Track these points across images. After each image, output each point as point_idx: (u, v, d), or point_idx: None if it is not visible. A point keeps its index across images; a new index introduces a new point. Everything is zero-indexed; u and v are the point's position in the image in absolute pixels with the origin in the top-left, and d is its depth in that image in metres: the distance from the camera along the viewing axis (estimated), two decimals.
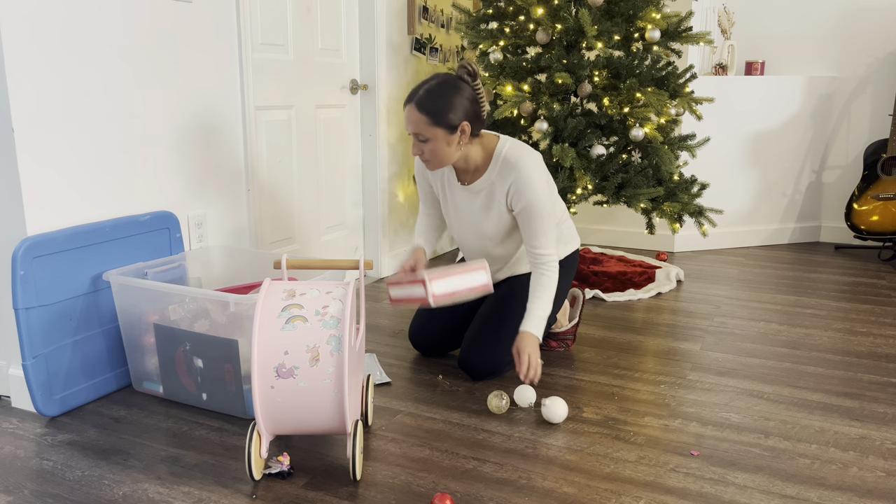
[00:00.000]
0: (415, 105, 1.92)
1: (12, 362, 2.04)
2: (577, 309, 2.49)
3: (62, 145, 1.98)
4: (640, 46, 3.09)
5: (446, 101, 1.91)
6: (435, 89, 1.92)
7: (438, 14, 3.73)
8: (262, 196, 2.78)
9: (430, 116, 1.91)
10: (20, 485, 1.63)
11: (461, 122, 1.94)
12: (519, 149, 2.06)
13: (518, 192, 2.02)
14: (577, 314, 2.48)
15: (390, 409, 2.03)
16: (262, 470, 1.65)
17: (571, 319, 2.46)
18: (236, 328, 1.87)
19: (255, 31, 2.65)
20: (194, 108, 2.38)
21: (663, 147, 2.94)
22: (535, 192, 2.01)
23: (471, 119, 1.96)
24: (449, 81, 1.94)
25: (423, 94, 1.92)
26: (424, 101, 1.91)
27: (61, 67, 1.95)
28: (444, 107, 1.91)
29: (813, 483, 1.64)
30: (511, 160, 2.03)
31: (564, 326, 2.44)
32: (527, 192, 2.01)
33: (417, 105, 1.91)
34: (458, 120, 1.93)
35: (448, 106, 1.91)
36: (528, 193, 2.01)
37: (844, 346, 2.54)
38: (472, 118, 1.96)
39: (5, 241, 1.95)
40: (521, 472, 1.69)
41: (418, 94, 1.92)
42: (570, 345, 2.48)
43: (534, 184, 2.01)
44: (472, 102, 1.95)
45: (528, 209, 2.03)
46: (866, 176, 3.88)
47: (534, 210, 2.02)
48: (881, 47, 4.04)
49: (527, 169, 2.01)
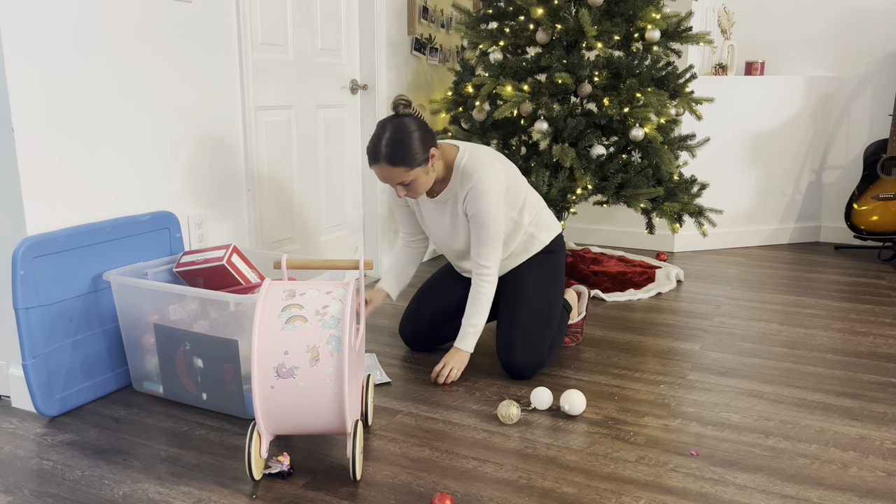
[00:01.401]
0: (385, 163, 1.97)
1: (12, 362, 2.04)
2: (584, 303, 2.55)
3: (62, 145, 1.98)
4: (640, 46, 3.09)
5: (409, 143, 1.97)
6: (394, 139, 1.96)
7: (438, 14, 3.73)
8: (262, 196, 2.78)
9: (405, 165, 1.97)
10: (20, 485, 1.63)
11: (429, 150, 2.01)
12: (476, 158, 2.12)
13: (472, 199, 2.10)
14: (584, 308, 2.53)
15: (390, 409, 2.03)
16: (262, 470, 1.65)
17: (579, 314, 2.50)
18: (236, 328, 1.87)
19: (255, 31, 2.65)
20: (194, 108, 2.38)
21: (663, 147, 2.94)
22: (486, 202, 2.09)
23: (431, 142, 2.03)
24: (399, 126, 1.98)
25: (387, 150, 1.96)
26: (392, 155, 1.96)
27: (61, 67, 1.95)
28: (410, 150, 1.97)
29: (813, 483, 1.64)
30: (469, 170, 2.10)
31: (573, 320, 2.46)
32: (478, 201, 2.09)
33: (388, 161, 1.97)
34: (426, 152, 2.01)
35: (413, 147, 1.97)
36: (479, 201, 2.09)
37: (844, 346, 2.54)
38: (431, 140, 2.03)
39: (5, 241, 1.95)
40: (521, 472, 1.69)
41: (382, 152, 1.97)
42: (579, 338, 2.52)
43: (487, 193, 2.08)
44: (423, 129, 2.01)
45: (477, 216, 2.11)
46: (866, 176, 3.88)
47: (482, 218, 2.10)
48: (881, 47, 4.04)
49: (483, 178, 2.08)
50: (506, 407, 1.93)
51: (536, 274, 2.30)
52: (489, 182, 2.09)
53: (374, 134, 2.01)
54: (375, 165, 2.00)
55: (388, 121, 2.01)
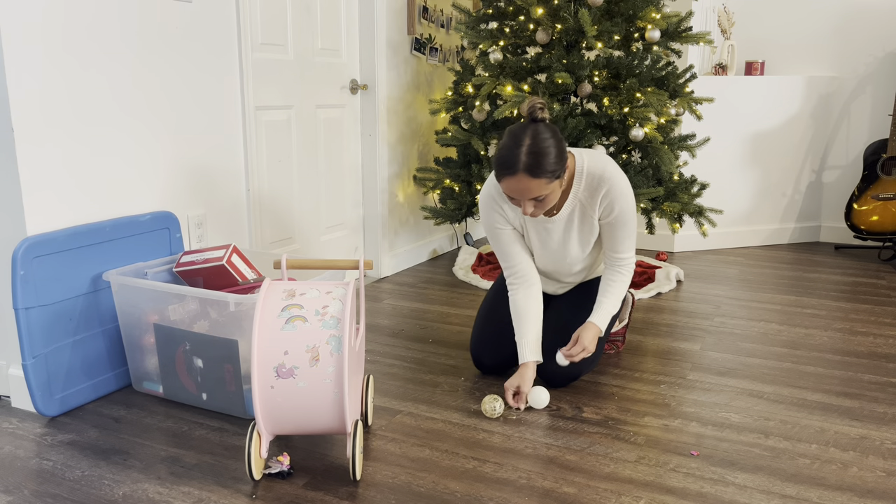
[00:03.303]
0: (525, 174, 1.77)
1: (12, 362, 2.04)
2: (627, 310, 2.51)
3: (62, 145, 1.98)
4: (640, 46, 3.09)
5: (550, 153, 1.79)
6: (535, 147, 1.78)
7: (438, 14, 3.73)
8: (262, 196, 2.78)
9: (546, 177, 1.79)
10: (20, 485, 1.63)
11: (565, 162, 1.85)
12: (597, 159, 1.98)
13: (613, 201, 1.98)
14: (627, 316, 2.50)
15: (390, 409, 2.03)
16: (262, 470, 1.65)
17: (622, 321, 2.48)
18: (236, 328, 1.87)
19: (255, 31, 2.65)
20: (194, 108, 2.38)
21: (663, 147, 2.94)
22: (628, 200, 1.99)
23: (566, 152, 1.86)
24: (538, 133, 1.80)
25: (528, 160, 1.76)
26: (536, 166, 1.77)
27: (61, 67, 1.95)
28: (551, 159, 1.79)
29: (813, 483, 1.64)
30: (596, 173, 1.96)
31: (616, 327, 2.45)
32: (621, 201, 1.98)
33: (529, 172, 1.77)
34: (564, 161, 1.83)
35: (554, 156, 1.79)
36: (622, 202, 1.98)
37: (844, 346, 2.54)
38: (566, 150, 1.87)
39: (5, 241, 1.95)
40: (521, 472, 1.69)
41: (523, 162, 1.77)
42: (619, 346, 2.48)
43: (627, 191, 1.99)
44: (559, 138, 1.83)
45: (620, 217, 2.00)
46: (866, 176, 3.88)
47: (625, 217, 2.01)
48: (881, 47, 4.04)
49: (616, 177, 1.97)
50: (489, 402, 1.95)
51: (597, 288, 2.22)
52: (621, 179, 1.98)
53: (508, 142, 1.80)
54: (510, 178, 1.78)
55: (524, 128, 1.81)
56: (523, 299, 2.10)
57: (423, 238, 3.85)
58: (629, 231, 2.05)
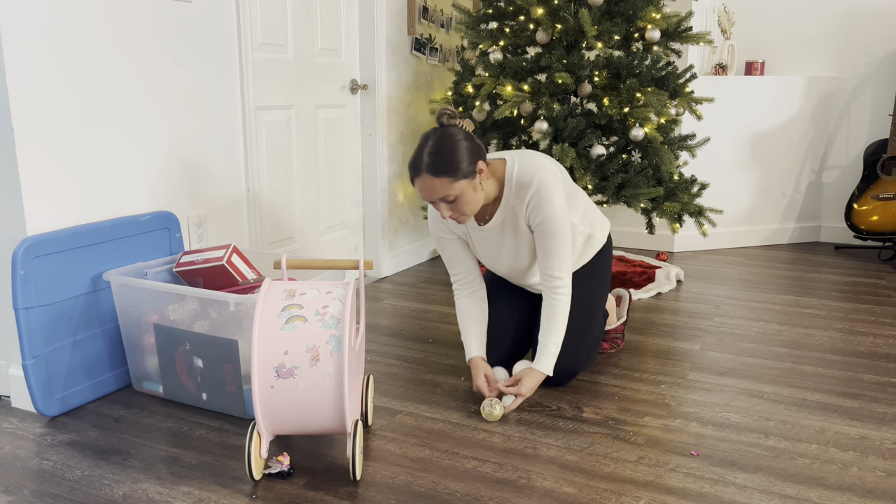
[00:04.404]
0: (428, 173, 1.82)
1: (12, 362, 2.04)
2: (625, 308, 2.51)
3: (62, 145, 1.98)
4: (640, 46, 3.09)
5: (453, 152, 1.82)
6: (437, 149, 1.82)
7: (438, 14, 3.73)
8: (262, 196, 2.78)
9: (448, 175, 1.81)
10: (20, 485, 1.63)
11: (476, 163, 1.86)
12: (529, 165, 1.97)
13: (536, 207, 1.95)
14: (625, 312, 2.50)
15: (390, 409, 2.03)
16: (262, 470, 1.65)
17: (619, 318, 2.47)
18: (236, 328, 1.87)
19: (255, 31, 2.65)
20: (194, 108, 2.38)
21: (663, 147, 2.94)
22: (552, 206, 1.94)
23: (479, 155, 1.88)
24: (443, 135, 1.84)
25: (429, 160, 1.81)
26: (434, 165, 1.81)
27: (61, 67, 1.95)
28: (454, 159, 1.82)
29: (813, 483, 1.64)
30: (524, 179, 1.95)
31: (614, 324, 2.44)
32: (544, 207, 1.94)
33: (431, 172, 1.81)
34: (472, 163, 1.85)
35: (458, 156, 1.82)
36: (545, 208, 1.94)
37: (844, 346, 2.54)
38: (480, 153, 1.88)
39: (5, 241, 1.95)
40: (521, 472, 1.69)
41: (425, 162, 1.82)
42: (619, 344, 2.47)
43: (550, 197, 1.94)
44: (470, 141, 1.87)
45: (544, 225, 1.96)
46: (866, 176, 3.88)
47: (550, 226, 1.95)
48: (881, 47, 4.04)
49: (543, 182, 1.94)
50: (488, 406, 1.94)
51: (584, 280, 2.19)
52: (550, 185, 1.94)
53: (417, 146, 1.86)
54: (417, 179, 1.84)
55: (431, 131, 1.86)
56: (466, 305, 2.15)
57: (423, 238, 3.85)
58: (559, 244, 1.97)
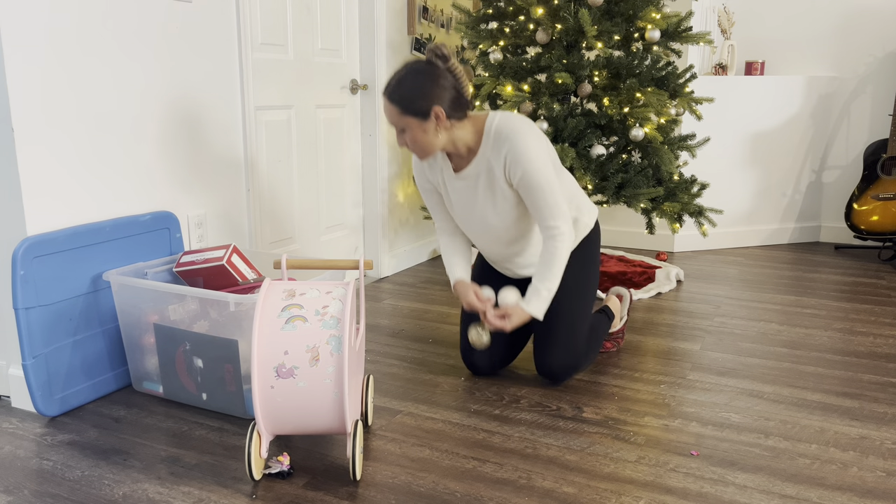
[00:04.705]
0: (386, 96, 1.88)
1: (12, 362, 2.04)
2: (625, 307, 2.51)
3: (62, 145, 1.98)
4: (640, 46, 3.09)
5: (414, 88, 1.85)
6: (403, 79, 1.86)
7: (438, 14, 3.73)
8: (262, 196, 2.78)
9: (399, 106, 1.86)
10: (20, 485, 1.63)
11: (432, 108, 1.86)
12: (511, 119, 1.95)
13: (514, 161, 1.91)
14: (626, 312, 2.50)
15: (390, 409, 2.03)
16: (262, 470, 1.65)
17: (621, 319, 2.47)
18: (236, 328, 1.87)
19: (255, 31, 2.65)
20: (194, 108, 2.38)
21: (663, 147, 2.94)
22: (531, 159, 1.90)
23: (443, 102, 1.87)
24: (418, 68, 1.87)
25: (393, 85, 1.87)
26: (394, 92, 1.86)
27: (62, 67, 1.95)
28: (411, 95, 1.85)
29: (813, 483, 1.64)
30: (503, 131, 1.93)
31: (618, 326, 2.44)
32: (522, 161, 1.90)
33: (388, 96, 1.87)
34: (427, 106, 1.85)
35: (416, 94, 1.85)
36: (523, 161, 1.90)
37: (844, 346, 2.54)
38: (447, 101, 1.88)
39: (5, 241, 1.95)
40: (521, 472, 1.69)
41: (390, 86, 1.87)
42: (620, 343, 2.48)
43: (528, 150, 1.90)
44: (443, 87, 1.86)
45: (527, 178, 1.91)
46: (866, 176, 3.88)
47: (532, 178, 1.91)
48: (881, 47, 4.04)
49: (521, 135, 1.91)
50: (476, 334, 1.98)
51: (572, 269, 2.14)
52: (529, 139, 1.91)
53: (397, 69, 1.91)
54: (383, 97, 1.90)
55: (413, 62, 1.90)
56: (449, 242, 2.20)
57: (423, 238, 3.85)
58: (545, 195, 1.92)
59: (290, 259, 1.82)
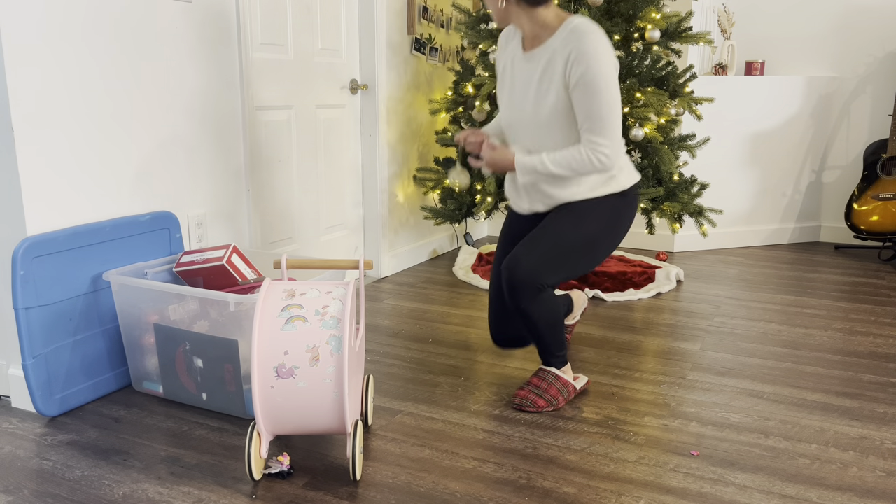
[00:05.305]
0: None
1: (12, 362, 2.04)
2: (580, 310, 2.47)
3: (62, 145, 1.98)
4: (639, 46, 3.09)
5: None
6: None
7: (438, 14, 3.73)
8: (262, 196, 2.78)
9: None
10: (20, 485, 1.63)
11: None
12: (590, 24, 1.88)
13: (578, 58, 1.82)
14: (579, 315, 2.48)
15: (390, 409, 2.03)
16: (262, 470, 1.65)
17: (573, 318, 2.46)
18: (236, 328, 1.87)
19: (255, 31, 2.65)
20: (194, 108, 2.38)
21: (663, 147, 2.94)
22: (598, 61, 1.81)
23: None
24: None
25: None
26: None
27: (61, 67, 1.95)
28: None
29: (813, 483, 1.64)
30: (580, 29, 1.86)
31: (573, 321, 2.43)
32: (586, 59, 1.81)
33: None
34: None
35: None
36: (587, 60, 1.81)
37: (844, 346, 2.54)
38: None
39: (5, 241, 1.95)
40: (521, 472, 1.69)
41: None
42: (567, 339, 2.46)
43: (596, 51, 1.82)
44: None
45: (586, 80, 1.82)
46: (866, 176, 3.88)
47: (594, 83, 1.81)
48: (881, 47, 4.04)
49: (593, 37, 1.83)
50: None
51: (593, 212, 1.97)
52: (600, 44, 1.83)
53: None
54: None
55: None
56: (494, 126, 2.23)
57: (423, 238, 3.85)
58: (601, 103, 1.82)
59: (290, 259, 1.82)
